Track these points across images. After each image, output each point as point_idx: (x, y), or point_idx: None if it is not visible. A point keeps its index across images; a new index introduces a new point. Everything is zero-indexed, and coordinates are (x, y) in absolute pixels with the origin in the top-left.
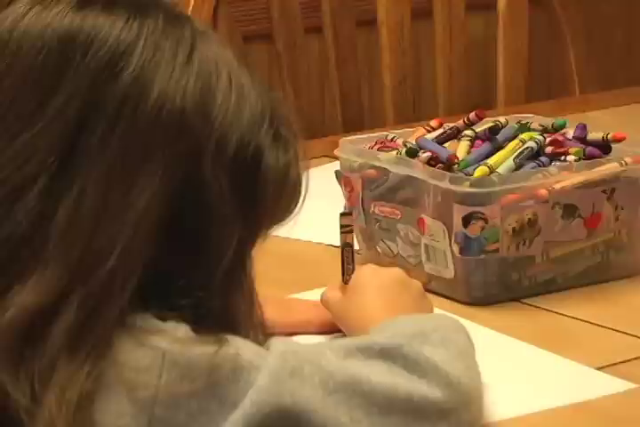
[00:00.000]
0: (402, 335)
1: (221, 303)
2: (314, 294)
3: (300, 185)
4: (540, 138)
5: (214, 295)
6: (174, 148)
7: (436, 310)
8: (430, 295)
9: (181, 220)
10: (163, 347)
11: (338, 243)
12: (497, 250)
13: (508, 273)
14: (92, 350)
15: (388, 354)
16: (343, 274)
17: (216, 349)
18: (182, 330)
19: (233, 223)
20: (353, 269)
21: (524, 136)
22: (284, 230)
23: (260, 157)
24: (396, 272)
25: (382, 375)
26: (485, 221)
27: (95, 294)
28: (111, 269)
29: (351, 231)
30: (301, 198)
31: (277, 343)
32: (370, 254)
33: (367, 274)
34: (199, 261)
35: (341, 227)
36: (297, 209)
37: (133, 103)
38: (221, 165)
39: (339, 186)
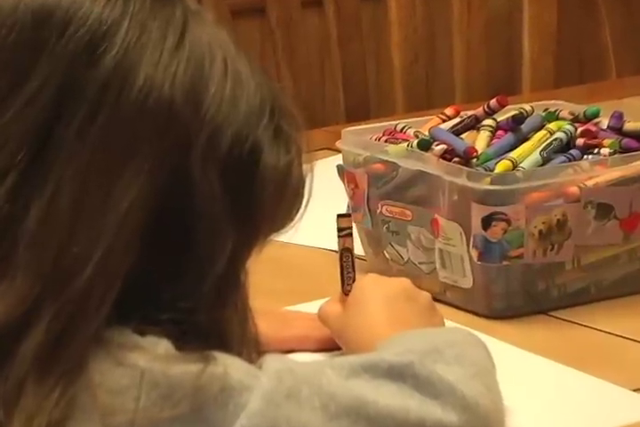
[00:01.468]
0: (412, 352)
1: (211, 317)
2: (312, 307)
3: (303, 187)
4: (571, 128)
5: (203, 308)
6: (161, 141)
7: (452, 324)
8: (446, 307)
9: (169, 222)
10: (141, 366)
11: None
12: (521, 256)
13: (534, 282)
14: (65, 371)
15: (397, 373)
16: (343, 284)
17: (201, 367)
18: (163, 346)
19: (226, 228)
20: (354, 278)
21: (552, 126)
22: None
23: (259, 155)
24: (401, 282)
25: (391, 397)
26: (508, 222)
27: (70, 307)
28: (89, 279)
29: (350, 235)
30: (304, 203)
31: (271, 361)
32: (377, 261)
33: (369, 284)
34: (187, 269)
35: (339, 230)
36: (299, 215)
37: (116, 90)
38: (214, 162)
39: (341, 183)
